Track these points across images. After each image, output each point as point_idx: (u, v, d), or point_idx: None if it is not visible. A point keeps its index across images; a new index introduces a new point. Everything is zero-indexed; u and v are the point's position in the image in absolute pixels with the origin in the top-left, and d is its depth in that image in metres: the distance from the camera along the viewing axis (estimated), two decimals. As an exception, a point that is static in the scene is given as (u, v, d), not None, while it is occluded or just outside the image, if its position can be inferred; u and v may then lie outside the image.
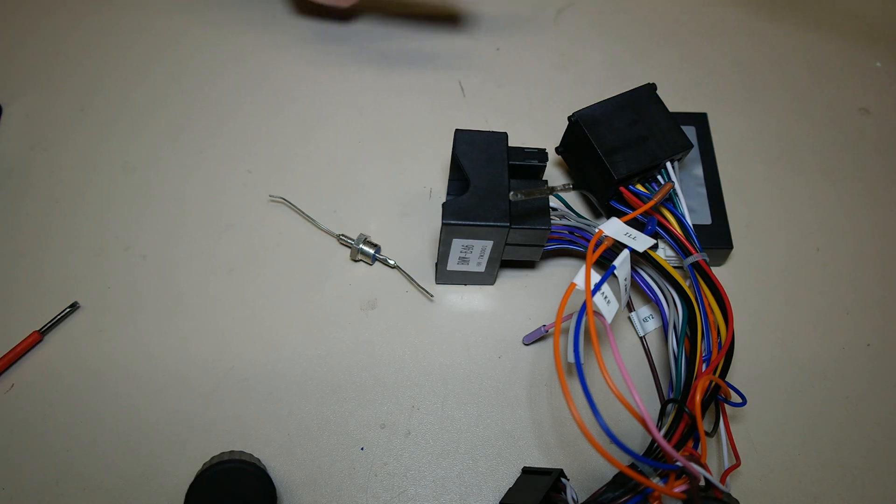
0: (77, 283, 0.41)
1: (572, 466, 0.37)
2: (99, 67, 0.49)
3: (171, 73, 0.49)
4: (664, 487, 0.30)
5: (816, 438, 0.38)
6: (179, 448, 0.37)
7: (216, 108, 0.48)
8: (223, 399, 0.38)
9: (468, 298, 0.41)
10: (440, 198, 0.44)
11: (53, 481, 0.36)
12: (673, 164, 0.39)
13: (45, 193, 0.44)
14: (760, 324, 0.41)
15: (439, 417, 0.38)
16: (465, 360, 0.40)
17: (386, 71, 0.49)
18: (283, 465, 0.37)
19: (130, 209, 0.44)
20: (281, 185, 0.45)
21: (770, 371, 0.40)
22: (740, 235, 0.43)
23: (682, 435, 0.33)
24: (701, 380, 0.32)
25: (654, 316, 0.40)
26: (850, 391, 0.39)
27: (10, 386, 0.38)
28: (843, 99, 0.50)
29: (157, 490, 0.36)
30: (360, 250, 0.41)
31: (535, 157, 0.39)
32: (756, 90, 0.50)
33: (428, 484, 0.36)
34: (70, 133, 0.46)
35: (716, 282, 0.37)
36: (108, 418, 0.37)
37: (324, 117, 0.47)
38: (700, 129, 0.45)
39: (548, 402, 0.39)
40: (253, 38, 0.51)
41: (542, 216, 0.37)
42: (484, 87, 0.49)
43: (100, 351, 0.39)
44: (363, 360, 0.39)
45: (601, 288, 0.33)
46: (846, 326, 0.41)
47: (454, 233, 0.36)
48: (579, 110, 0.40)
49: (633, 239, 0.36)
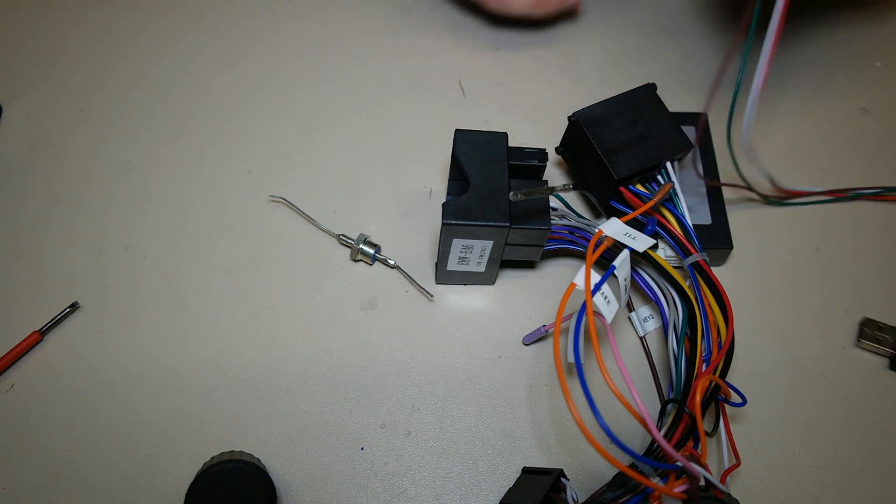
0: (77, 283, 0.41)
1: (572, 466, 0.37)
2: (99, 67, 0.49)
3: (171, 73, 0.49)
4: (664, 487, 0.30)
5: (816, 438, 0.38)
6: (179, 448, 0.37)
7: (216, 108, 0.48)
8: (223, 399, 0.38)
9: (468, 298, 0.41)
10: (440, 198, 0.44)
11: (53, 481, 0.36)
12: (673, 164, 0.39)
13: (45, 193, 0.44)
14: (760, 324, 0.41)
15: (439, 417, 0.38)
16: (465, 360, 0.40)
17: (386, 71, 0.49)
18: (283, 465, 0.37)
19: (130, 209, 0.44)
20: (281, 185, 0.45)
21: (770, 371, 0.40)
22: (740, 235, 0.43)
23: (682, 435, 0.33)
24: (701, 380, 0.32)
25: (654, 316, 0.40)
26: (850, 391, 0.39)
27: (10, 386, 0.38)
28: (843, 99, 0.50)
29: (157, 490, 0.36)
30: (360, 250, 0.41)
31: (535, 157, 0.39)
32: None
33: (428, 484, 0.36)
34: (70, 133, 0.46)
35: (716, 282, 0.37)
36: (108, 418, 0.37)
37: (324, 117, 0.47)
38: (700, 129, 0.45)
39: (548, 402, 0.39)
40: (253, 39, 0.51)
41: (542, 216, 0.37)
42: (484, 87, 0.49)
43: (100, 351, 0.39)
44: (363, 360, 0.39)
45: (601, 288, 0.33)
46: (846, 326, 0.41)
47: (454, 233, 0.36)
48: (579, 110, 0.40)
49: (632, 239, 0.36)
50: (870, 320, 0.40)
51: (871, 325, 0.40)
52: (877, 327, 0.40)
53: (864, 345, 0.40)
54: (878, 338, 0.40)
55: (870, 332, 0.40)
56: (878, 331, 0.40)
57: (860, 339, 0.40)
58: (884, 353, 0.40)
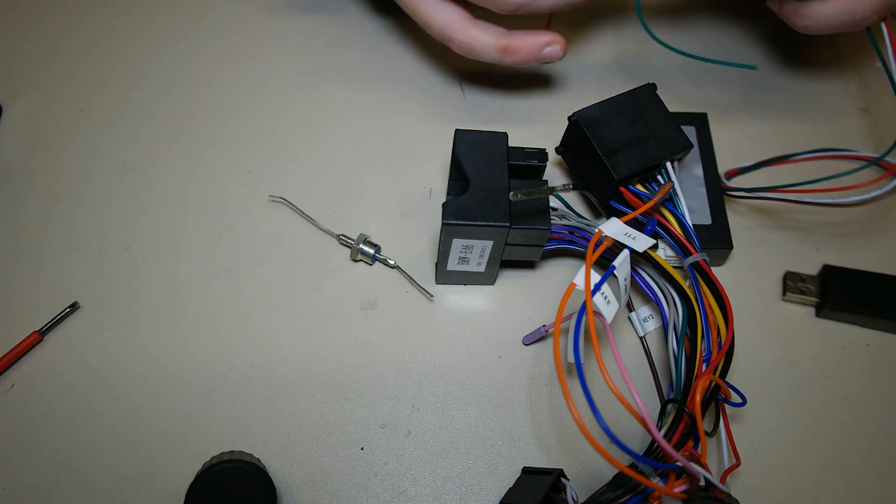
0: (77, 283, 0.41)
1: (572, 466, 0.37)
2: (99, 67, 0.49)
3: (171, 73, 0.49)
4: (664, 487, 0.30)
5: (816, 438, 0.38)
6: (179, 448, 0.37)
7: (216, 108, 0.48)
8: (223, 399, 0.38)
9: (468, 298, 0.41)
10: (440, 198, 0.44)
11: (53, 481, 0.36)
12: (673, 164, 0.39)
13: (45, 193, 0.44)
14: (760, 324, 0.41)
15: (439, 417, 0.38)
16: (465, 360, 0.40)
17: (386, 71, 0.49)
18: (283, 465, 0.37)
19: (130, 209, 0.44)
20: (281, 185, 0.45)
21: (770, 371, 0.40)
22: (740, 235, 0.43)
23: (682, 435, 0.33)
24: (701, 380, 0.32)
25: (654, 316, 0.40)
26: (850, 391, 0.39)
27: (10, 386, 0.38)
28: (843, 99, 0.50)
29: (157, 490, 0.36)
30: (360, 250, 0.41)
31: (535, 157, 0.39)
32: (756, 90, 0.50)
33: (428, 484, 0.36)
34: (70, 133, 0.46)
35: (716, 282, 0.37)
36: (108, 418, 0.37)
37: (324, 117, 0.47)
38: (700, 129, 0.45)
39: (548, 402, 0.39)
40: (252, 39, 0.51)
41: (542, 216, 0.37)
42: (484, 87, 0.49)
43: (100, 351, 0.39)
44: (363, 360, 0.39)
45: (601, 288, 0.33)
46: (846, 327, 0.41)
47: (454, 233, 0.36)
48: (579, 110, 0.40)
49: (632, 239, 0.36)
50: (791, 273, 0.42)
51: (794, 278, 0.42)
52: (799, 279, 0.42)
53: (790, 297, 0.41)
54: (801, 289, 0.41)
55: (793, 284, 0.41)
56: (801, 282, 0.41)
57: (786, 292, 0.41)
58: (809, 302, 0.42)
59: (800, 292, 0.41)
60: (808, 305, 0.42)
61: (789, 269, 0.42)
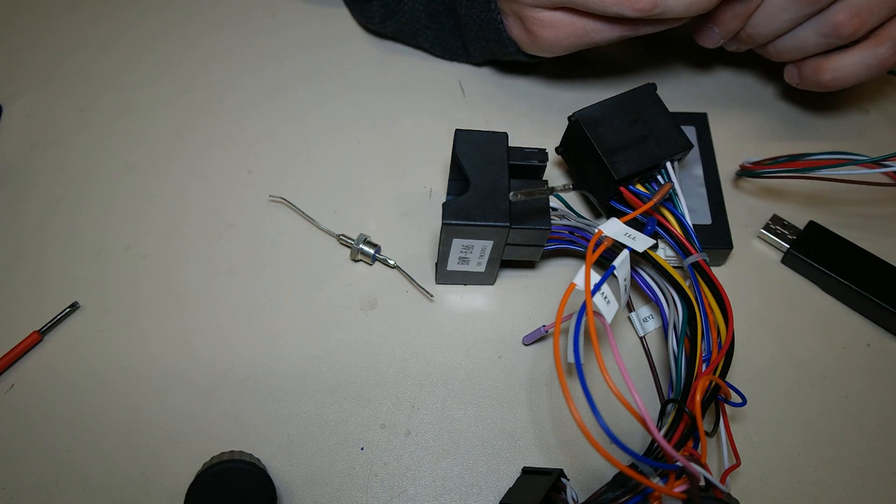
0: (77, 283, 0.41)
1: (572, 466, 0.37)
2: (99, 67, 0.49)
3: (171, 73, 0.49)
4: (664, 487, 0.30)
5: (816, 438, 0.38)
6: (179, 448, 0.37)
7: (216, 108, 0.48)
8: (223, 399, 0.38)
9: (468, 298, 0.41)
10: (440, 198, 0.44)
11: (53, 481, 0.36)
12: (673, 164, 0.39)
13: (45, 193, 0.44)
14: (760, 324, 0.41)
15: (439, 417, 0.38)
16: (465, 360, 0.40)
17: (386, 71, 0.49)
18: (283, 465, 0.37)
19: (130, 209, 0.44)
20: (281, 186, 0.45)
21: (770, 371, 0.40)
22: (740, 235, 0.43)
23: (682, 435, 0.33)
24: (701, 380, 0.32)
25: (654, 316, 0.40)
26: (850, 391, 0.39)
27: (10, 386, 0.38)
28: (842, 99, 0.50)
29: (157, 490, 0.36)
30: (360, 250, 0.41)
31: (535, 157, 0.39)
32: (756, 90, 0.50)
33: (428, 484, 0.36)
34: (70, 133, 0.46)
35: (716, 282, 0.37)
36: (108, 418, 0.37)
37: (324, 117, 0.47)
38: (700, 129, 0.45)
39: (548, 402, 0.39)
40: (253, 39, 0.51)
41: (542, 216, 0.37)
42: (484, 87, 0.49)
43: (100, 351, 0.39)
44: (363, 360, 0.39)
45: (601, 288, 0.33)
46: (846, 326, 0.41)
47: (454, 233, 0.36)
48: (579, 110, 0.40)
49: (632, 239, 0.36)
50: (778, 217, 0.43)
51: (777, 221, 0.42)
52: (781, 223, 0.42)
53: (764, 235, 0.42)
54: (779, 232, 0.42)
55: (773, 225, 0.42)
56: (782, 227, 0.42)
57: (762, 229, 0.42)
58: (780, 246, 0.42)
59: (775, 234, 0.42)
60: (778, 250, 0.42)
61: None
